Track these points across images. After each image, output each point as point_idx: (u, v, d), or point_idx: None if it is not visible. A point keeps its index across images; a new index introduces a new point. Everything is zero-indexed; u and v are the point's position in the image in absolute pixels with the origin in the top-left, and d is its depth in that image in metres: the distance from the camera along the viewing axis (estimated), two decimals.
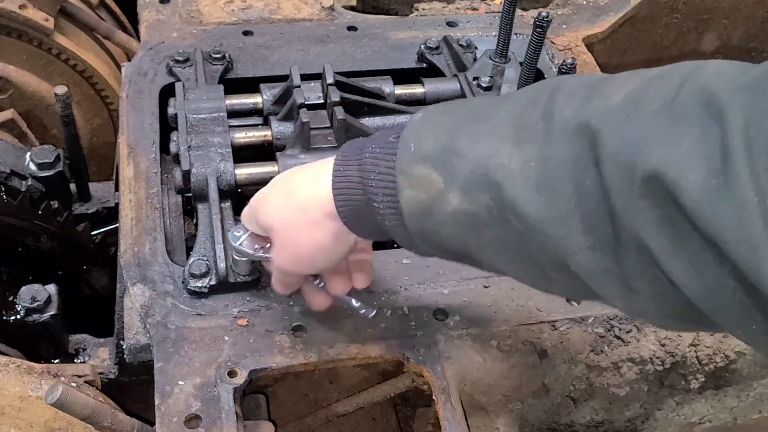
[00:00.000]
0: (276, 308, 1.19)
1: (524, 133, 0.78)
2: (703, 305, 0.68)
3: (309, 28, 1.72)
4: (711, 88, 0.65)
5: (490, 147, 0.80)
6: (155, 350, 1.12)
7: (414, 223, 0.88)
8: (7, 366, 1.16)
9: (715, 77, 0.66)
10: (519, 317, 1.22)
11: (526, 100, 0.82)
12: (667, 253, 0.68)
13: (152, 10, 1.72)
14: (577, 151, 0.73)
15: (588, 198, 0.72)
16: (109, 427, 1.07)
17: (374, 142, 0.92)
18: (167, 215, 1.35)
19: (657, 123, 0.67)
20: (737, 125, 0.61)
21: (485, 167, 0.80)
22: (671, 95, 0.68)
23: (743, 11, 2.06)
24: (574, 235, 0.74)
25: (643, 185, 0.67)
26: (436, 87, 1.55)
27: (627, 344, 1.24)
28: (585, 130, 0.73)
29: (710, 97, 0.64)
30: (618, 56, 1.99)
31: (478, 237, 0.84)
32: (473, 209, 0.82)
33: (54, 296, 1.38)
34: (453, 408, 1.11)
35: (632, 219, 0.69)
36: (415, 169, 0.86)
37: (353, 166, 0.93)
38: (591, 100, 0.75)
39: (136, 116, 1.47)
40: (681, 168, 0.64)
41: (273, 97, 1.47)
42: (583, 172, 0.73)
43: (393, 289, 1.23)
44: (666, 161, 0.65)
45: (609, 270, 0.74)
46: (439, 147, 0.84)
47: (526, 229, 0.78)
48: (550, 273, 0.81)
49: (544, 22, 1.38)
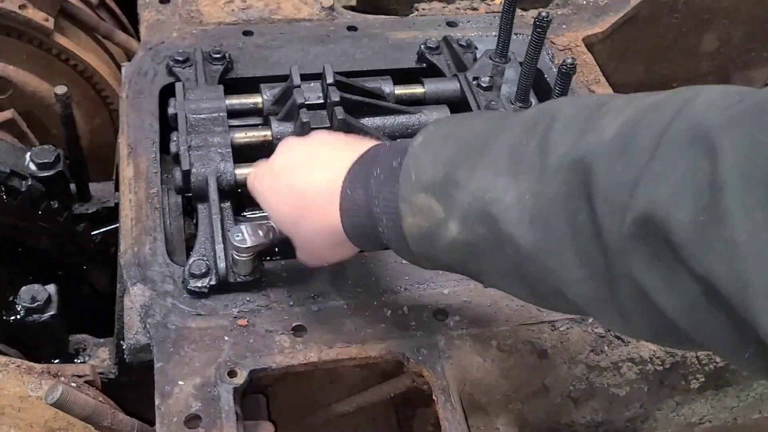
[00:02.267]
0: (276, 308, 1.19)
1: (520, 166, 0.80)
2: (697, 337, 0.69)
3: (309, 28, 1.72)
4: (702, 122, 0.64)
5: (486, 180, 0.82)
6: (155, 350, 1.12)
7: (417, 247, 0.92)
8: (7, 366, 1.17)
9: (707, 110, 0.65)
10: (519, 317, 1.22)
11: (523, 129, 0.83)
12: (658, 289, 0.68)
13: (152, 10, 1.72)
14: (571, 188, 0.74)
15: (581, 233, 0.74)
16: (109, 427, 1.07)
17: (380, 165, 0.95)
18: (167, 215, 1.35)
19: (646, 161, 0.67)
20: (730, 160, 0.60)
21: (482, 200, 0.82)
22: (662, 128, 0.68)
23: (743, 11, 2.06)
24: (569, 268, 0.75)
25: (633, 225, 0.68)
26: (436, 87, 1.55)
27: (627, 344, 1.24)
28: (579, 166, 0.73)
29: (700, 132, 0.64)
30: (618, 56, 1.99)
31: (478, 264, 0.88)
32: (472, 239, 0.84)
33: (54, 296, 1.38)
34: (453, 408, 1.11)
35: (624, 257, 0.70)
36: (417, 198, 0.88)
37: (359, 190, 0.96)
38: (585, 133, 0.75)
39: (136, 116, 1.47)
40: (669, 206, 0.64)
41: (273, 97, 1.47)
42: (576, 208, 0.74)
43: (393, 289, 1.23)
44: (654, 200, 0.65)
45: (604, 299, 0.75)
46: (439, 177, 0.87)
47: (523, 260, 0.80)
48: (550, 298, 0.84)
49: (544, 22, 1.37)
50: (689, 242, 0.63)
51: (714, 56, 2.14)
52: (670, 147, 0.66)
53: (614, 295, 0.73)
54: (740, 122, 0.62)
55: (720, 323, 0.66)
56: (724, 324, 0.65)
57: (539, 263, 0.78)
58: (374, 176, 0.94)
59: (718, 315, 0.65)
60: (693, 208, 0.62)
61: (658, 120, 0.69)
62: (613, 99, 0.78)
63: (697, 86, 0.72)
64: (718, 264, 0.61)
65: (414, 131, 1.46)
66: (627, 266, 0.70)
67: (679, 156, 0.65)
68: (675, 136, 0.66)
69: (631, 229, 0.68)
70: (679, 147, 0.65)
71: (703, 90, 0.70)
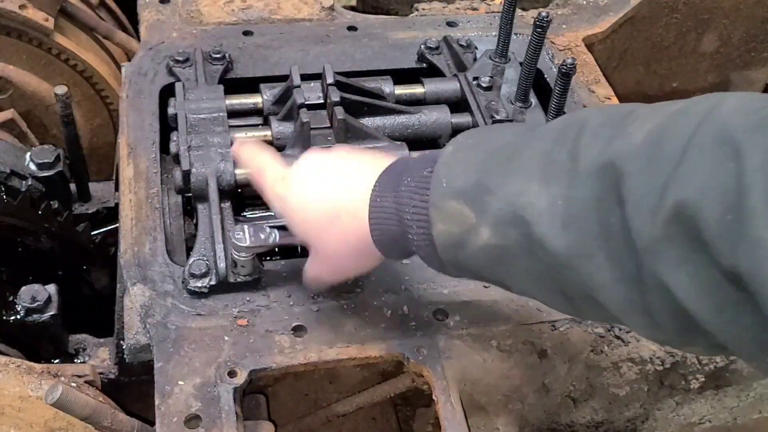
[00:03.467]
0: (276, 308, 1.19)
1: (551, 172, 0.81)
2: (724, 339, 0.71)
3: (309, 28, 1.72)
4: (728, 126, 0.67)
5: (519, 185, 0.84)
6: (155, 350, 1.12)
7: (446, 254, 0.93)
8: (7, 366, 1.17)
9: (733, 115, 0.68)
10: (519, 317, 1.22)
11: (553, 137, 0.85)
12: (686, 289, 0.70)
13: (152, 10, 1.72)
14: (602, 191, 0.76)
15: (612, 236, 0.75)
16: (109, 427, 1.07)
17: (410, 174, 0.96)
18: (167, 215, 1.35)
19: (675, 163, 0.70)
20: (755, 164, 0.63)
21: (514, 205, 0.83)
22: (690, 133, 0.70)
23: (743, 11, 2.06)
24: (600, 270, 0.77)
25: (663, 226, 0.70)
26: (436, 87, 1.55)
27: (627, 344, 1.24)
28: (609, 171, 0.75)
29: (726, 136, 0.66)
30: (618, 56, 1.99)
31: (508, 268, 0.88)
32: (503, 243, 0.85)
33: (54, 296, 1.38)
34: (453, 408, 1.11)
35: (653, 258, 0.72)
36: (448, 205, 0.89)
37: (389, 198, 0.97)
38: (615, 138, 0.77)
39: (136, 116, 1.47)
40: (697, 204, 0.66)
41: (273, 97, 1.47)
42: (607, 211, 0.75)
43: (393, 289, 1.23)
44: (683, 200, 0.67)
45: (634, 302, 0.76)
46: (470, 184, 0.88)
47: (554, 263, 0.81)
48: (579, 303, 0.85)
49: (544, 22, 1.38)
50: (717, 239, 0.65)
51: (714, 56, 2.14)
52: (698, 150, 0.68)
53: (643, 297, 0.75)
54: (765, 127, 0.65)
55: (747, 324, 0.68)
56: (751, 325, 0.67)
57: (571, 267, 0.80)
58: (404, 184, 0.96)
59: (746, 315, 0.67)
60: (720, 207, 0.64)
61: (686, 125, 0.71)
62: (640, 107, 0.81)
63: (722, 93, 0.75)
64: (745, 260, 0.63)
65: (414, 131, 1.46)
66: (656, 267, 0.72)
67: (706, 158, 0.67)
68: (702, 139, 0.69)
69: (662, 230, 0.70)
70: (707, 150, 0.68)
71: (729, 96, 0.73)
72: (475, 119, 1.47)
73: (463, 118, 1.49)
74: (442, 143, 1.46)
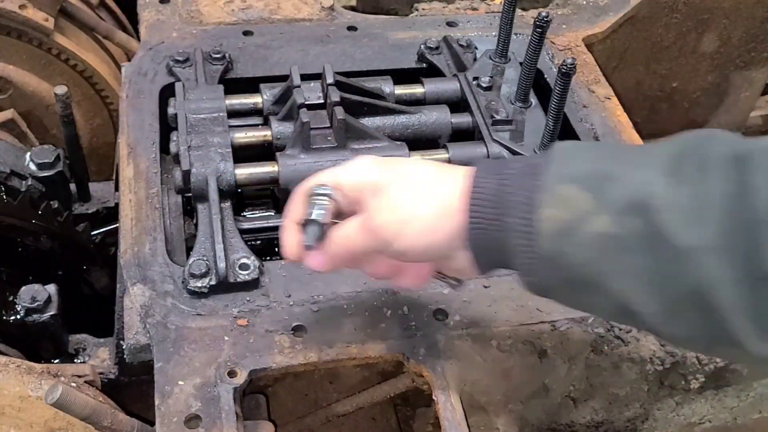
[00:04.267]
0: (276, 308, 1.19)
1: (681, 167, 0.81)
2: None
3: (309, 28, 1.72)
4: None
5: (646, 175, 0.82)
6: (155, 350, 1.12)
7: (548, 243, 0.86)
8: (7, 366, 1.17)
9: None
10: (519, 317, 1.22)
11: (681, 140, 0.84)
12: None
13: (152, 10, 1.72)
14: (733, 186, 0.76)
15: (741, 232, 0.74)
16: (109, 427, 1.07)
17: (515, 161, 0.95)
18: (167, 215, 1.35)
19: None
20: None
21: (640, 192, 0.81)
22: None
23: (743, 11, 2.06)
24: (723, 267, 0.76)
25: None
26: (436, 87, 1.55)
27: (627, 344, 1.24)
28: (741, 164, 0.75)
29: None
30: (618, 56, 1.99)
31: (615, 263, 0.84)
32: (620, 233, 0.82)
33: (54, 296, 1.38)
34: (453, 408, 1.11)
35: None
36: (562, 188, 0.85)
37: (491, 181, 0.91)
38: (745, 139, 0.79)
39: (136, 116, 1.47)
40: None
41: (273, 97, 1.47)
42: (737, 206, 0.75)
43: (393, 289, 1.23)
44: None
45: (747, 306, 0.76)
46: (590, 170, 0.85)
47: (671, 257, 0.79)
48: (680, 306, 0.81)
49: (544, 22, 1.38)
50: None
51: (714, 56, 2.14)
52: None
53: (758, 299, 0.74)
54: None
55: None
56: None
57: (692, 261, 0.77)
58: (510, 167, 0.91)
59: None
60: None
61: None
62: None
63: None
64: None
65: (414, 131, 1.46)
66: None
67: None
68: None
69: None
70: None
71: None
72: (475, 119, 1.47)
73: (463, 118, 1.49)
74: (442, 143, 1.46)
